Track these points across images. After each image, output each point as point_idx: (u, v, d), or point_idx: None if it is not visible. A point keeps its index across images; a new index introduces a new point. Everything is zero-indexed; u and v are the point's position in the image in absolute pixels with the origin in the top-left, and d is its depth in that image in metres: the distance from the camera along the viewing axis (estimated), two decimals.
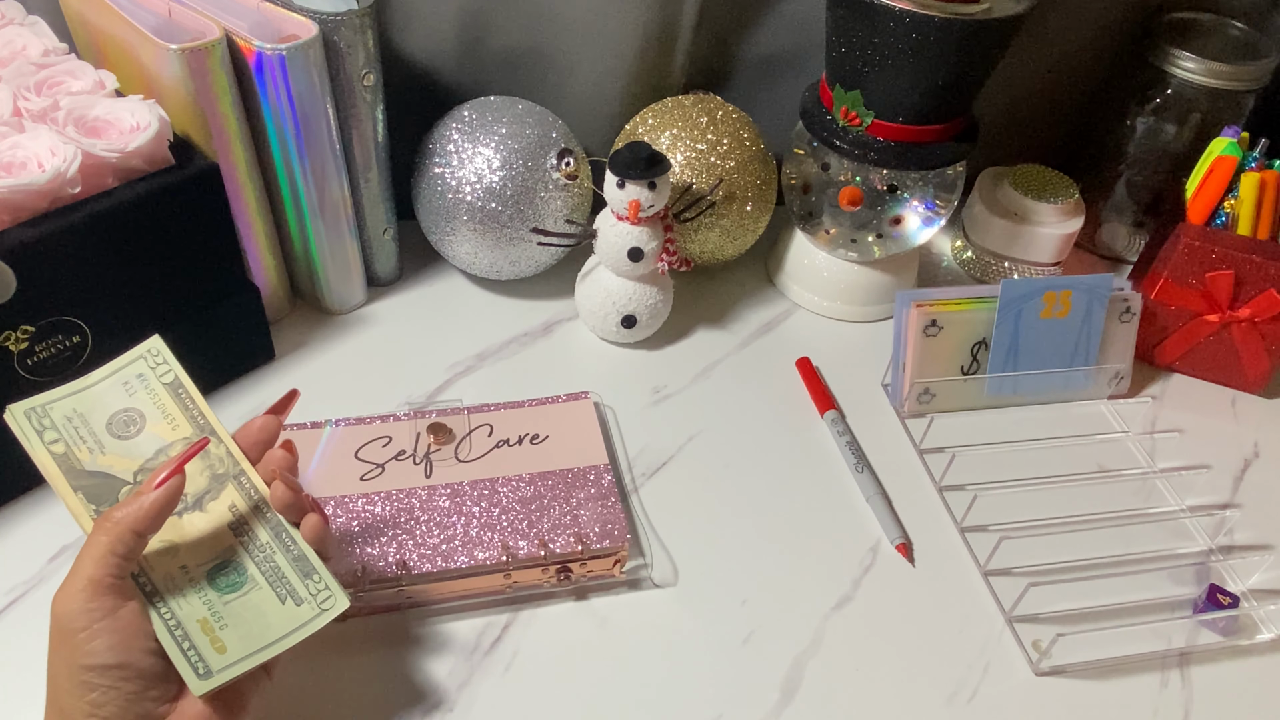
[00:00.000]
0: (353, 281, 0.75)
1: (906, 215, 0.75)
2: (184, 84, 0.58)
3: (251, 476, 0.48)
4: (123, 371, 0.48)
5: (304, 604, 0.45)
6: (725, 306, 0.81)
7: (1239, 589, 0.61)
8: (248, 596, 0.45)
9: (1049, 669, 0.56)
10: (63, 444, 0.46)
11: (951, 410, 0.72)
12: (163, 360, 0.49)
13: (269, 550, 0.46)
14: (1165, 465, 0.70)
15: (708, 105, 0.75)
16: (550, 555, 0.56)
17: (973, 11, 0.62)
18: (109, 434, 0.47)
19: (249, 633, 0.44)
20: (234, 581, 0.45)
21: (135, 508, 0.42)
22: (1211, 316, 0.74)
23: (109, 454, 0.47)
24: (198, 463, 0.47)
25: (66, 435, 0.46)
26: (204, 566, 0.45)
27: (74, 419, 0.47)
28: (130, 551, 0.41)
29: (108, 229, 0.55)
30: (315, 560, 0.47)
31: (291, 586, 0.46)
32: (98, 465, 0.46)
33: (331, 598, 0.46)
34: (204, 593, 0.45)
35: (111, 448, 0.47)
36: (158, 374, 0.49)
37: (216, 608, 0.44)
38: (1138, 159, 0.84)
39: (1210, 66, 0.77)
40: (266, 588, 0.45)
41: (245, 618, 0.44)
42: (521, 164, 0.70)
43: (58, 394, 0.47)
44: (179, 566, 0.45)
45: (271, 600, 0.45)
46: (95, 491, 0.46)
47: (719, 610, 0.58)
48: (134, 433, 0.47)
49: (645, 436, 0.68)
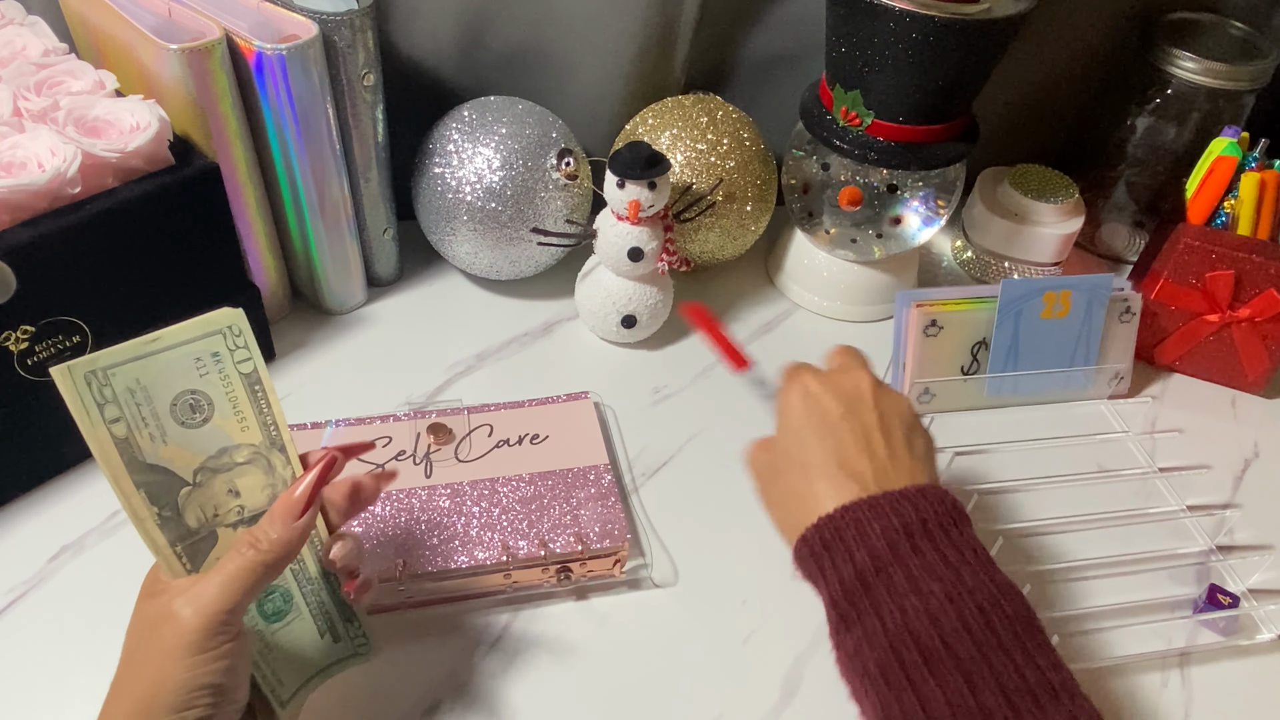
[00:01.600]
0: (353, 281, 0.75)
1: (906, 215, 0.75)
2: (184, 84, 0.58)
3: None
4: (195, 345, 0.40)
5: (341, 641, 0.45)
6: (725, 306, 0.81)
7: (1239, 589, 0.61)
8: (290, 627, 0.44)
9: None
10: (124, 425, 0.39)
11: (951, 410, 0.72)
12: (243, 344, 0.40)
13: (316, 585, 0.45)
14: (1165, 465, 0.70)
15: (708, 105, 0.75)
16: (550, 555, 0.56)
17: (973, 11, 0.62)
18: (172, 418, 0.40)
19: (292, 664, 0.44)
20: (280, 610, 0.44)
21: (290, 531, 0.39)
22: (1211, 316, 0.74)
23: (170, 444, 0.40)
24: (260, 478, 0.42)
25: (129, 413, 0.39)
26: None
27: (137, 393, 0.39)
28: (271, 574, 0.39)
29: (108, 229, 0.55)
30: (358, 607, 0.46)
31: (332, 622, 0.46)
32: (159, 458, 0.40)
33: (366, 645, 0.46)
34: (254, 620, 0.43)
35: (174, 436, 0.40)
36: (235, 358, 0.41)
37: (266, 637, 0.44)
38: (1138, 159, 0.84)
39: (1210, 66, 0.77)
40: (309, 619, 0.45)
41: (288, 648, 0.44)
42: (521, 164, 0.70)
43: (122, 354, 0.39)
44: None
45: (311, 632, 0.45)
46: (156, 491, 0.40)
47: (719, 610, 0.58)
48: (199, 421, 0.40)
49: (645, 436, 0.68)
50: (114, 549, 0.58)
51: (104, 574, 0.57)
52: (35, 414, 0.58)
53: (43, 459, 0.60)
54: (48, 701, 0.51)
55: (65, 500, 0.60)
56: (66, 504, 0.60)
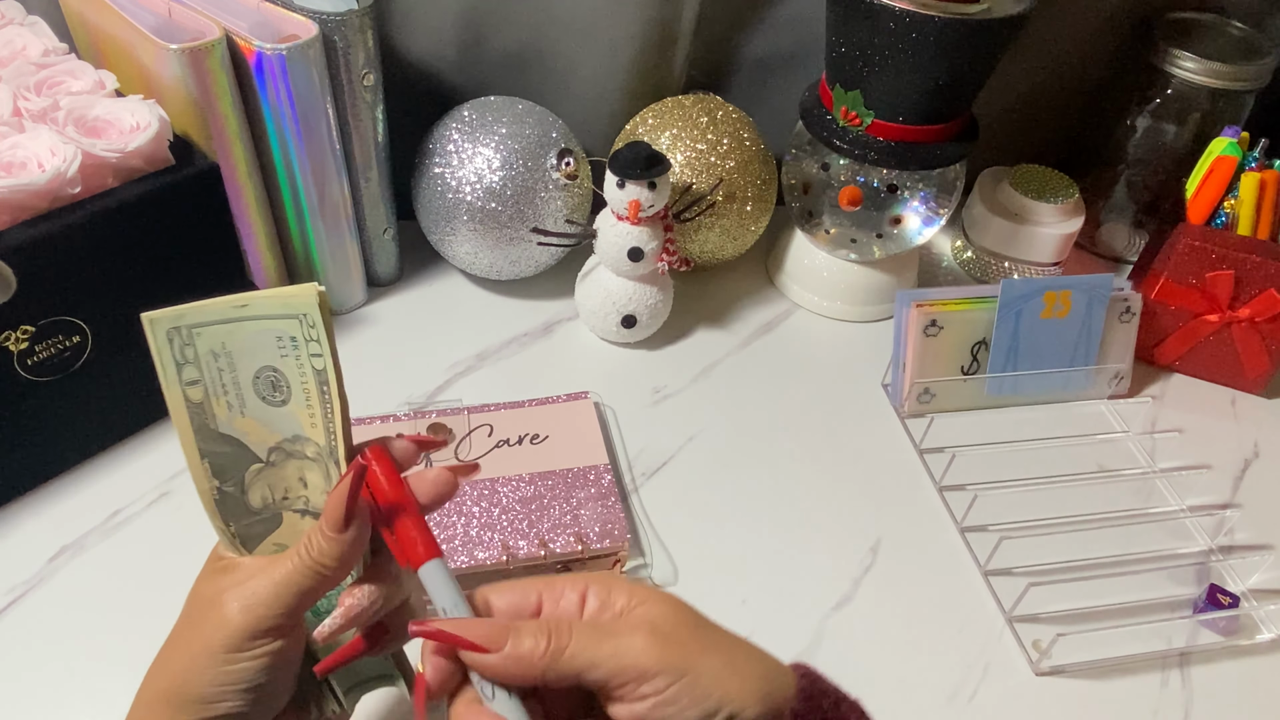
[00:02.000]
0: (353, 281, 0.75)
1: (906, 215, 0.75)
2: (184, 84, 0.58)
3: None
4: (277, 323, 0.37)
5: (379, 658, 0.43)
6: (725, 306, 0.81)
7: (1239, 589, 0.61)
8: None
9: (1049, 669, 0.56)
10: (201, 389, 0.37)
11: (951, 410, 0.72)
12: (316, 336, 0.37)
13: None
14: (1165, 465, 0.70)
15: (708, 105, 0.75)
16: (550, 555, 0.56)
17: (973, 11, 0.62)
18: (254, 391, 0.37)
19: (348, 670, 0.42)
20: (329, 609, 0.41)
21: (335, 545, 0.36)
22: (1211, 316, 0.74)
23: (248, 416, 0.38)
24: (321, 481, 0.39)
25: (208, 377, 0.37)
26: None
27: (220, 357, 0.37)
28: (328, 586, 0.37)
29: (108, 229, 0.55)
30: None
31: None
32: (234, 428, 0.38)
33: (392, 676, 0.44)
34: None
35: (253, 409, 0.38)
36: (309, 350, 0.38)
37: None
38: (1138, 159, 0.84)
39: (1210, 66, 0.77)
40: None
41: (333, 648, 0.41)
42: (521, 164, 0.70)
43: (209, 313, 0.36)
44: None
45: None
46: (222, 463, 0.38)
47: (719, 610, 0.57)
48: (278, 401, 0.38)
49: (645, 436, 0.68)
50: (114, 549, 0.58)
51: (104, 574, 0.57)
52: (35, 414, 0.58)
53: (43, 459, 0.61)
54: (48, 701, 0.51)
55: (65, 500, 0.60)
56: (66, 504, 0.60)
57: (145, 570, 0.57)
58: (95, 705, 0.51)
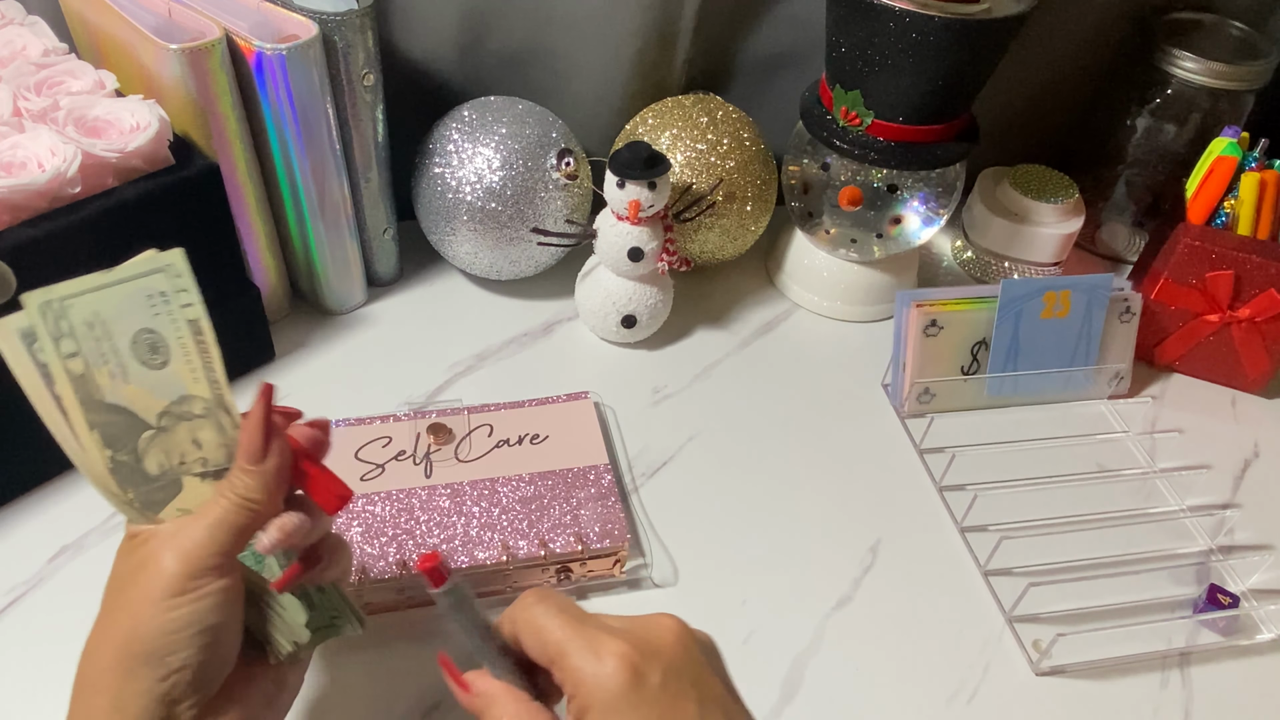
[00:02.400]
0: (353, 281, 0.75)
1: (906, 215, 0.75)
2: (184, 84, 0.58)
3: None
4: (142, 281, 0.38)
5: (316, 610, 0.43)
6: (725, 306, 0.81)
7: (1239, 589, 0.61)
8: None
9: (1049, 669, 0.56)
10: (81, 361, 0.37)
11: (951, 410, 0.72)
12: (183, 285, 0.38)
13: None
14: (1165, 465, 0.70)
15: (708, 105, 0.75)
16: (550, 555, 0.56)
17: (973, 11, 0.62)
18: (133, 356, 0.38)
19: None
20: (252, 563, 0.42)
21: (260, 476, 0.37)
22: (1211, 316, 0.74)
23: (131, 383, 0.37)
24: (214, 435, 0.39)
25: (86, 349, 0.37)
26: None
27: (95, 327, 0.37)
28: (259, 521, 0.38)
29: (108, 229, 0.55)
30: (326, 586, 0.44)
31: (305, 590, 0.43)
32: (119, 398, 0.37)
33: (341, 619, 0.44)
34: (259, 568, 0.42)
35: (135, 375, 0.38)
36: (179, 300, 0.38)
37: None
38: (1138, 159, 0.84)
39: (1210, 66, 0.77)
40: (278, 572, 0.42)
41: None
42: (521, 164, 0.70)
43: (78, 286, 0.37)
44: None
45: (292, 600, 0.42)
46: (113, 432, 0.37)
47: (719, 610, 0.58)
48: (158, 364, 0.38)
49: (645, 436, 0.68)
50: (114, 549, 0.57)
51: (104, 574, 0.56)
52: (36, 414, 0.57)
53: (43, 459, 0.60)
54: (48, 701, 0.51)
55: (65, 500, 0.60)
56: (66, 504, 0.60)
57: None
58: None
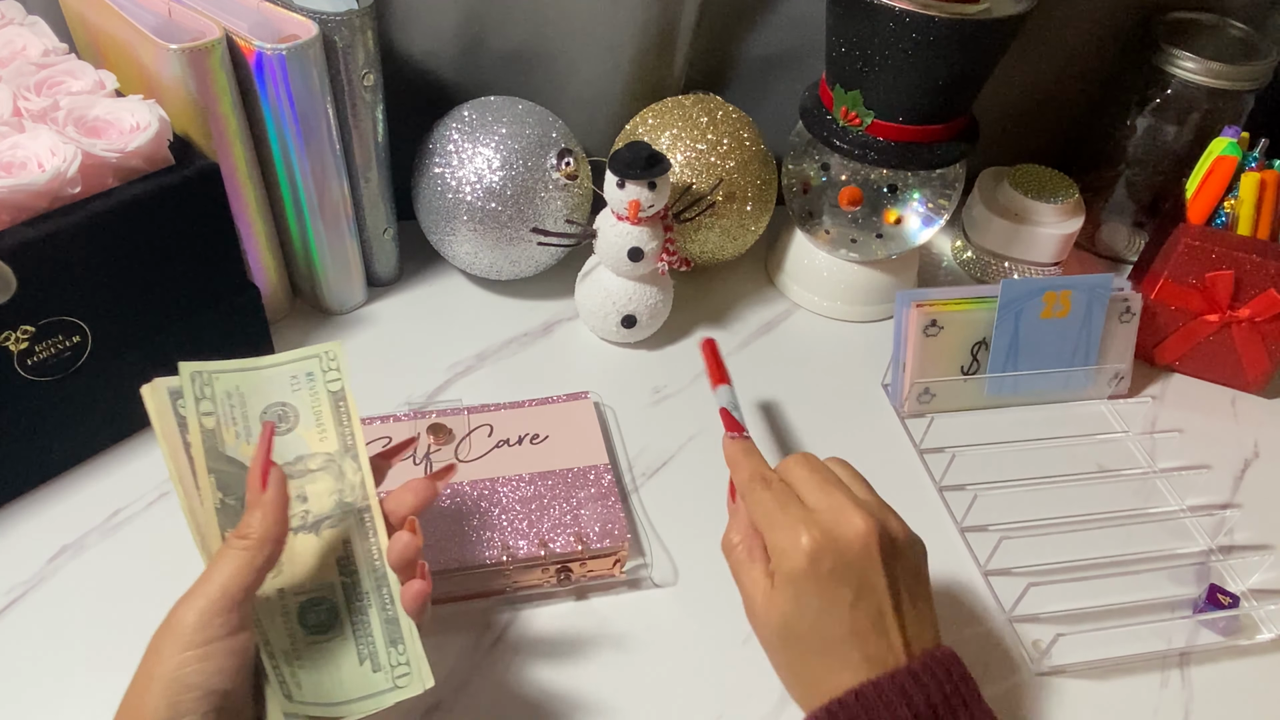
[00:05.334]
0: (353, 281, 0.75)
1: (906, 215, 0.75)
2: (184, 84, 0.58)
3: (376, 517, 0.45)
4: (294, 365, 0.46)
5: (380, 672, 0.43)
6: (725, 306, 0.81)
7: (1239, 589, 0.61)
8: (330, 644, 0.43)
9: (1049, 669, 0.56)
10: (215, 419, 0.44)
11: (951, 410, 0.72)
12: (336, 367, 0.46)
13: (366, 602, 0.44)
14: (1165, 465, 0.70)
15: (708, 105, 0.75)
16: (550, 555, 0.56)
17: (973, 11, 0.62)
18: (260, 423, 0.45)
19: (320, 683, 0.42)
20: (323, 623, 0.43)
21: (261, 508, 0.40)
22: (1211, 316, 0.74)
23: (254, 444, 0.44)
24: (330, 483, 0.45)
25: (221, 410, 0.44)
26: (300, 597, 0.43)
27: (233, 396, 0.44)
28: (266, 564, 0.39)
29: (108, 229, 0.55)
30: (407, 629, 0.43)
31: (374, 649, 0.43)
32: (239, 453, 0.44)
33: (409, 675, 0.43)
34: (291, 624, 0.42)
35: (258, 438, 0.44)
36: (326, 378, 0.46)
37: (299, 645, 0.42)
38: (1138, 159, 0.84)
39: (1210, 66, 0.77)
40: (350, 641, 0.43)
41: (320, 665, 0.42)
42: (521, 164, 0.70)
43: (227, 365, 0.45)
44: (276, 590, 0.43)
45: (350, 656, 0.43)
46: (226, 480, 0.43)
47: (719, 610, 0.58)
48: (283, 430, 0.45)
49: (645, 436, 0.68)
50: (114, 549, 0.58)
51: (104, 574, 0.57)
52: (36, 414, 0.58)
53: (43, 459, 0.61)
54: (48, 701, 0.51)
55: (65, 500, 0.60)
56: (66, 504, 0.60)
57: (145, 570, 0.56)
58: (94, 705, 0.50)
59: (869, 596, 0.43)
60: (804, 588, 0.43)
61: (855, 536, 0.43)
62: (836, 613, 0.43)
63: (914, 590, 0.45)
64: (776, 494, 0.46)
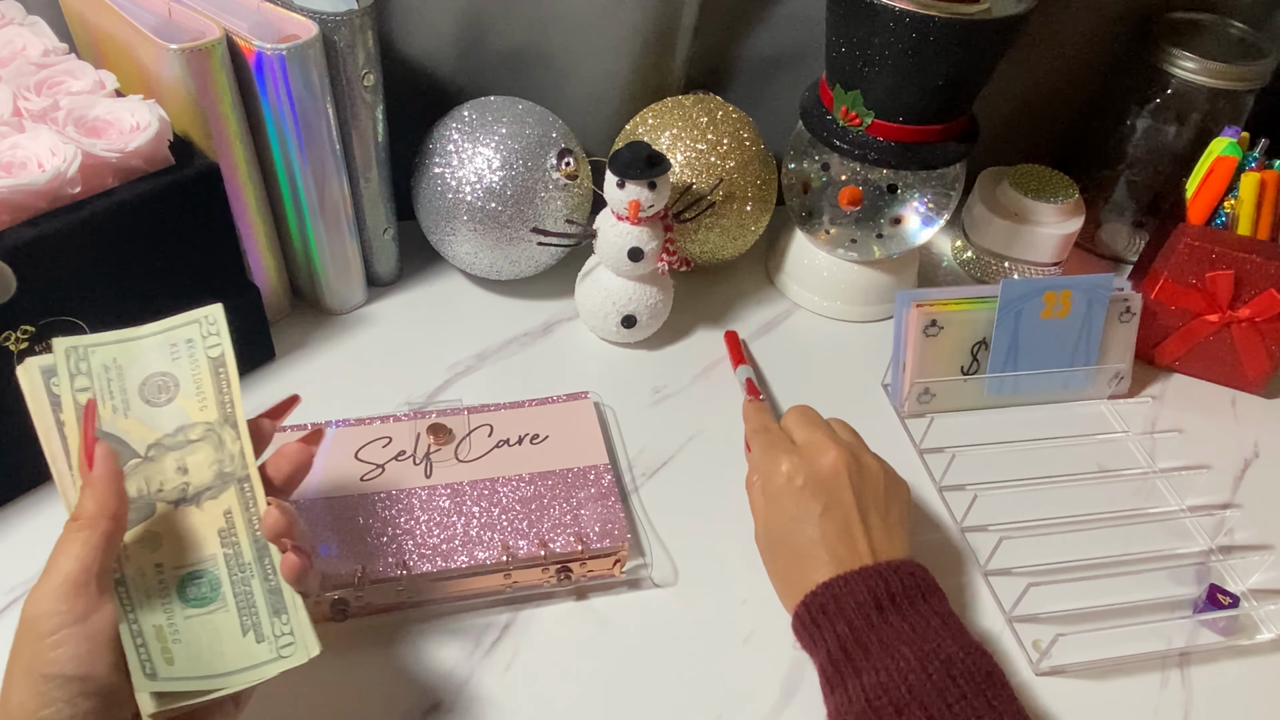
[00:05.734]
0: (353, 281, 0.75)
1: (906, 215, 0.75)
2: (184, 84, 0.58)
3: (256, 486, 0.44)
4: (174, 332, 0.45)
5: (264, 643, 0.42)
6: (725, 306, 0.81)
7: (1239, 589, 0.61)
8: (212, 616, 0.42)
9: (1049, 669, 0.56)
10: (92, 394, 0.43)
11: (951, 410, 0.72)
12: (216, 331, 0.45)
13: (249, 573, 0.43)
14: (1165, 465, 0.70)
15: (708, 105, 0.75)
16: (550, 555, 0.56)
17: (973, 11, 0.62)
18: (139, 396, 0.44)
19: (199, 656, 0.41)
20: (204, 596, 0.42)
21: (97, 492, 0.40)
22: (1211, 316, 0.74)
23: (131, 418, 0.43)
24: (210, 453, 0.44)
25: (98, 385, 0.43)
26: (179, 570, 0.42)
27: (111, 369, 0.44)
28: (106, 541, 0.39)
29: (108, 229, 0.55)
30: (291, 599, 0.43)
31: (258, 620, 0.42)
32: (116, 428, 0.43)
33: (293, 645, 0.42)
34: (169, 599, 0.41)
35: (136, 411, 0.44)
36: (206, 343, 0.45)
37: (176, 619, 0.41)
38: (1138, 159, 0.84)
39: (1210, 66, 0.77)
40: (234, 613, 0.42)
41: (201, 639, 0.41)
42: (521, 164, 0.70)
43: (104, 338, 0.44)
44: (154, 564, 0.42)
45: (233, 628, 0.42)
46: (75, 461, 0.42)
47: (719, 610, 0.58)
48: (163, 401, 0.44)
49: (645, 436, 0.68)
50: None
51: None
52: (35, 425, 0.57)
53: (44, 459, 0.60)
54: None
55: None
56: None
57: None
58: None
59: (836, 509, 0.52)
60: (781, 501, 0.53)
61: (828, 462, 0.54)
62: (808, 521, 0.52)
63: (884, 511, 0.53)
64: (773, 435, 0.57)
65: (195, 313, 0.45)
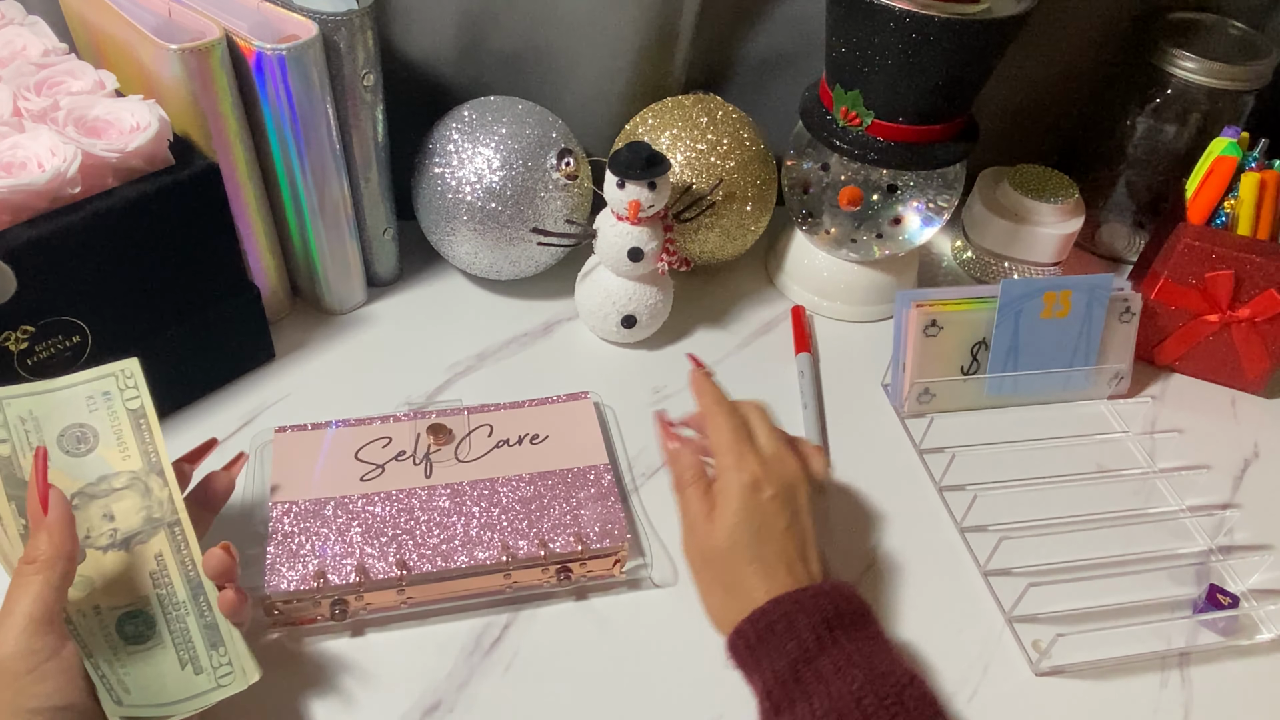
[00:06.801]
0: (353, 281, 0.75)
1: (906, 215, 0.75)
2: (184, 84, 0.58)
3: (186, 529, 0.46)
4: (90, 385, 0.47)
5: (203, 674, 0.44)
6: (725, 306, 0.81)
7: (1239, 589, 0.61)
8: (151, 652, 0.44)
9: (1049, 669, 0.56)
10: (9, 446, 0.44)
11: (951, 410, 0.72)
12: (134, 384, 0.47)
13: (183, 610, 0.45)
14: (1165, 465, 0.70)
15: (708, 105, 0.75)
16: (550, 555, 0.56)
17: (973, 11, 0.62)
18: (58, 447, 0.45)
19: (147, 687, 0.43)
20: (140, 634, 0.44)
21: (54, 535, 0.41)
22: (1211, 316, 0.74)
23: (53, 469, 0.44)
24: (137, 500, 0.46)
25: (15, 438, 0.45)
26: (116, 611, 0.44)
27: (28, 421, 0.45)
28: (64, 581, 0.41)
29: (108, 229, 0.55)
30: (227, 631, 0.45)
31: (195, 654, 0.45)
32: None
33: (231, 674, 0.44)
34: (111, 637, 0.44)
35: (57, 462, 0.45)
36: (124, 397, 0.47)
37: (120, 655, 0.43)
38: (1138, 159, 0.84)
39: (1210, 66, 0.77)
40: (170, 649, 0.44)
41: (146, 672, 0.43)
42: (521, 164, 0.70)
43: (18, 390, 0.45)
44: (92, 606, 0.44)
45: (172, 663, 0.44)
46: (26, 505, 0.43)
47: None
48: (83, 451, 0.46)
49: (645, 436, 0.68)
50: None
51: None
52: None
53: None
54: None
55: None
56: None
57: None
58: None
59: (796, 526, 0.52)
60: (748, 506, 0.51)
61: (790, 473, 0.53)
62: (774, 533, 0.51)
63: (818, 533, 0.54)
64: (737, 425, 0.55)
65: (111, 366, 0.47)
